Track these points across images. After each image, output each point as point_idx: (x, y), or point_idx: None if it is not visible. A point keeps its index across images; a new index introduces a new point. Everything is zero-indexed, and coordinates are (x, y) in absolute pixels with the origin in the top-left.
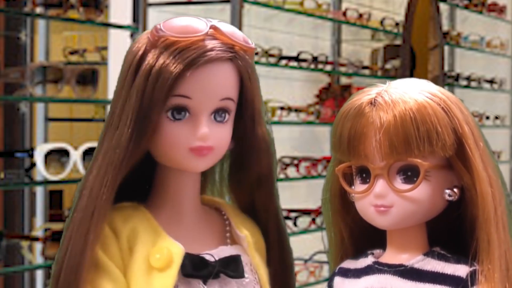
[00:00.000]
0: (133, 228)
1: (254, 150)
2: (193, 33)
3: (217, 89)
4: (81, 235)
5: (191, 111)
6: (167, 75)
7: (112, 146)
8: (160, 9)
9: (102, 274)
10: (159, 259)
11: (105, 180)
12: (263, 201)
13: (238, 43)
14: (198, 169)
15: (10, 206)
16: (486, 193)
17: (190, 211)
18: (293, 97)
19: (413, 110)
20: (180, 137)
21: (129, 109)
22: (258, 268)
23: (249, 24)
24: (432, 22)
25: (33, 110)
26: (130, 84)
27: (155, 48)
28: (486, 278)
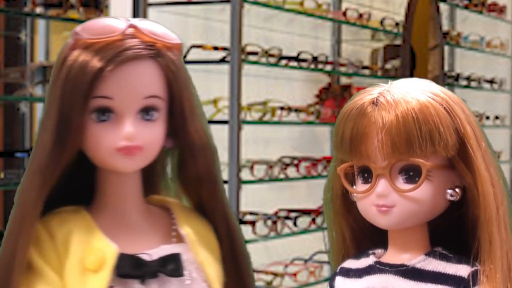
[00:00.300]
0: (68, 231)
1: (188, 148)
2: (110, 33)
3: (138, 88)
4: (11, 240)
5: (115, 112)
6: (84, 75)
7: (39, 149)
8: (160, 9)
9: (37, 277)
10: (92, 261)
11: (34, 183)
12: (208, 200)
13: (159, 40)
14: (127, 169)
15: (10, 206)
16: (488, 193)
17: (132, 211)
18: (293, 97)
19: (415, 110)
20: (104, 138)
21: (51, 112)
22: (204, 266)
23: (249, 24)
24: (432, 22)
25: (33, 110)
26: (53, 87)
27: (73, 52)
28: (488, 278)
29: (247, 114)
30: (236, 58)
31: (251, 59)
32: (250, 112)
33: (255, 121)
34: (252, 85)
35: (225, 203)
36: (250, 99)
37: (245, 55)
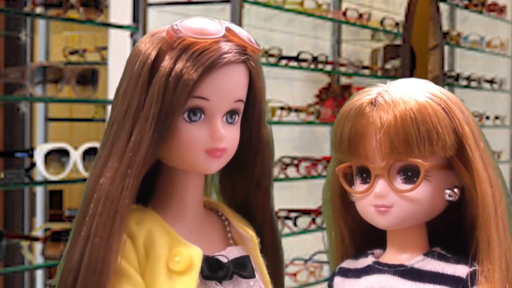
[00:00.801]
0: (148, 231)
1: (258, 151)
2: (211, 35)
3: (232, 91)
4: (102, 241)
5: (206, 113)
6: (188, 78)
7: (130, 148)
8: (160, 9)
9: (123, 279)
10: (179, 263)
11: (125, 183)
12: (260, 203)
13: (249, 45)
14: (212, 170)
15: (10, 206)
16: (486, 193)
17: (195, 213)
18: (293, 97)
19: (414, 110)
20: (197, 138)
21: (148, 111)
22: (262, 268)
23: (249, 24)
24: (432, 22)
25: (33, 110)
26: (146, 86)
27: (172, 50)
28: (486, 278)
29: None
30: None
31: None
32: None
33: None
34: None
35: (273, 207)
36: None
37: None
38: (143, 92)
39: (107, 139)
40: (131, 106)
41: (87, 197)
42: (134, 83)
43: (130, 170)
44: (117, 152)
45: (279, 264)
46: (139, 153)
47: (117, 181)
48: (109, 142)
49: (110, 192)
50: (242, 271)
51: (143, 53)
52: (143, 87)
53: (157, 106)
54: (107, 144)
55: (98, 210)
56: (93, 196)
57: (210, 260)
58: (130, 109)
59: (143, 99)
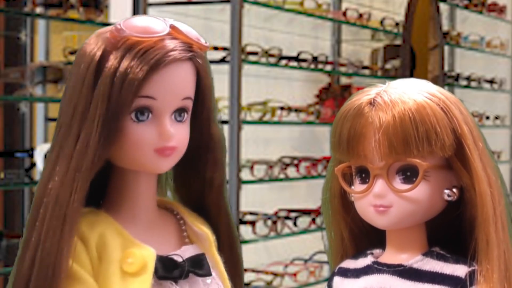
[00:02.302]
0: (100, 234)
1: (209, 149)
2: (155, 33)
3: (179, 89)
4: (53, 245)
5: (154, 112)
6: (134, 77)
7: (78, 151)
8: (160, 9)
9: (75, 283)
10: (132, 264)
11: (74, 186)
12: (214, 201)
13: (195, 41)
14: (162, 169)
15: (10, 206)
16: (485, 193)
17: (148, 213)
18: (293, 97)
19: (412, 110)
20: (145, 138)
21: (94, 113)
22: (218, 265)
23: (249, 24)
24: (432, 22)
25: (33, 110)
26: (91, 87)
27: (117, 49)
28: (485, 278)
29: (247, 114)
30: (236, 58)
31: (251, 59)
32: (250, 112)
33: (255, 121)
34: (252, 85)
35: (228, 203)
36: (250, 99)
37: (245, 55)
38: (89, 93)
39: (55, 143)
40: (77, 108)
41: (37, 201)
42: (80, 85)
43: (78, 173)
44: (65, 156)
45: (237, 261)
46: (87, 155)
47: (66, 184)
48: (57, 146)
49: (59, 196)
50: (198, 269)
51: (88, 54)
52: (89, 88)
53: (103, 107)
54: (55, 148)
55: (48, 214)
56: (42, 201)
57: (164, 260)
58: (76, 111)
59: (89, 101)
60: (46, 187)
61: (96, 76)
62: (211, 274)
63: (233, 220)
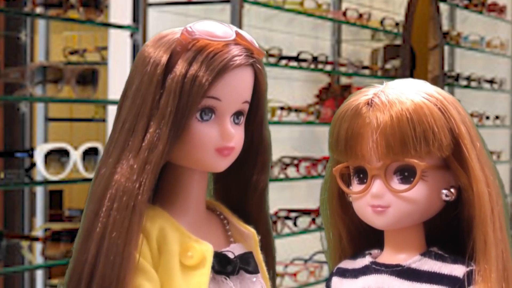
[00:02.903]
0: (161, 228)
1: (259, 152)
2: (223, 38)
3: (241, 92)
4: (121, 236)
5: (217, 113)
6: (203, 78)
7: (146, 146)
8: (160, 9)
9: (139, 274)
10: (191, 257)
11: (142, 179)
12: (256, 204)
13: (256, 48)
14: (220, 168)
15: (10, 206)
16: (483, 193)
17: (198, 211)
18: (293, 97)
19: (410, 110)
20: (208, 137)
21: (164, 110)
22: (262, 265)
23: (249, 24)
24: (432, 22)
25: (33, 110)
26: (160, 85)
27: (187, 51)
28: (483, 278)
29: None
30: None
31: None
32: None
33: None
34: None
35: (268, 211)
36: None
37: None
38: (157, 91)
39: (117, 137)
40: (145, 105)
41: (98, 193)
42: (148, 82)
43: (149, 165)
44: (132, 150)
45: (272, 265)
46: (156, 150)
47: (134, 177)
48: (121, 140)
49: (127, 188)
50: (247, 266)
51: (155, 54)
52: (157, 87)
53: (174, 104)
54: (118, 142)
55: (115, 205)
56: (106, 193)
57: (219, 255)
58: (144, 107)
59: (157, 98)
60: (110, 179)
61: (165, 75)
62: (259, 271)
63: (271, 224)
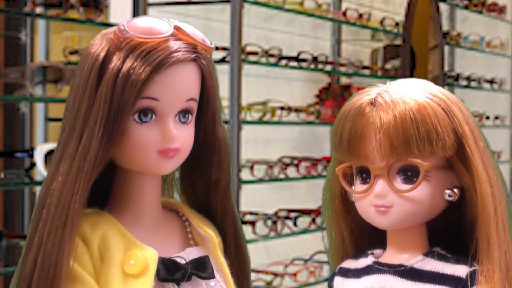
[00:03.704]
0: (102, 235)
1: (214, 151)
2: (158, 34)
3: (183, 90)
4: (54, 246)
5: (157, 113)
6: (136, 78)
7: (80, 152)
8: (160, 9)
9: (77, 284)
10: (133, 266)
11: (76, 187)
12: (220, 201)
13: (200, 43)
14: (165, 171)
15: (10, 206)
16: (486, 194)
17: (152, 215)
18: (293, 97)
19: (413, 110)
20: (148, 140)
21: (96, 114)
22: (223, 268)
23: (249, 24)
24: (432, 22)
25: (33, 110)
26: (94, 87)
27: (120, 50)
28: (486, 278)
29: (247, 114)
30: (236, 58)
31: (251, 59)
32: (250, 112)
33: (255, 121)
34: (252, 85)
35: (234, 205)
36: (250, 99)
37: (245, 55)
38: (92, 94)
39: (58, 144)
40: (81, 109)
41: (40, 202)
42: (84, 86)
43: (80, 174)
44: (68, 157)
45: (243, 263)
46: (89, 156)
47: (68, 185)
48: (61, 147)
49: (61, 197)
50: (201, 272)
51: (92, 54)
52: (92, 89)
53: (105, 108)
54: (58, 149)
55: (50, 215)
56: (45, 201)
57: (166, 262)
58: (79, 112)
59: (92, 102)
60: (50, 187)
61: (100, 77)
62: (215, 276)
63: (240, 221)
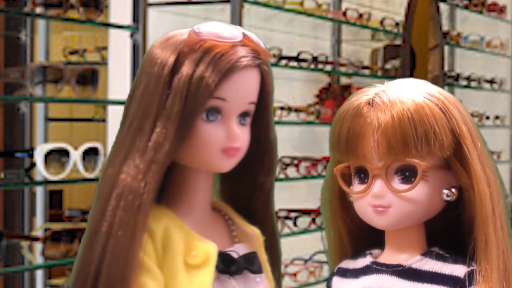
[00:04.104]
0: (165, 227)
1: (266, 153)
2: (230, 39)
3: (247, 93)
4: (126, 235)
5: (223, 113)
6: (210, 79)
7: (152, 146)
8: (160, 9)
9: (144, 272)
10: (196, 257)
11: (148, 178)
12: (263, 204)
13: (262, 50)
14: (226, 169)
15: (10, 206)
16: (484, 193)
17: (204, 211)
18: (293, 97)
19: (411, 110)
20: (214, 137)
21: (171, 110)
22: (266, 265)
23: (249, 24)
24: (432, 22)
25: (33, 110)
26: (167, 86)
27: (194, 52)
28: (484, 278)
29: None
30: None
31: None
32: None
33: None
34: None
35: (274, 211)
36: None
37: None
38: (164, 92)
39: (124, 137)
40: (152, 105)
41: (105, 193)
42: (155, 83)
43: (154, 165)
44: (138, 150)
45: (277, 265)
46: (162, 149)
47: (140, 176)
48: (128, 140)
49: (133, 187)
50: (251, 266)
51: (162, 55)
52: (164, 87)
53: (180, 105)
54: (124, 142)
55: (121, 204)
56: (112, 192)
57: (223, 255)
58: (151, 108)
59: (164, 98)
60: (117, 178)
61: (172, 75)
62: (263, 271)
63: (277, 225)
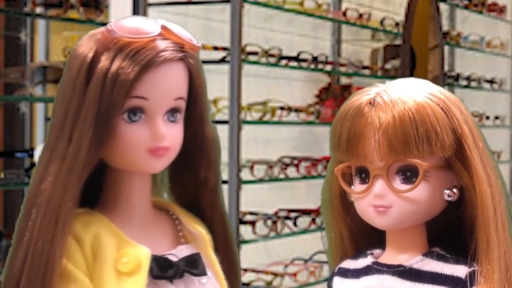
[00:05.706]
0: (94, 234)
1: (203, 150)
2: (146, 34)
3: (172, 89)
4: (45, 245)
5: (146, 112)
6: (125, 77)
7: (70, 152)
8: (160, 9)
9: (70, 283)
10: (126, 264)
11: (67, 187)
12: (209, 201)
13: (186, 42)
14: (155, 170)
15: (10, 206)
16: (485, 194)
17: (143, 214)
18: (293, 97)
19: (412, 110)
20: (138, 138)
21: (86, 114)
22: (214, 265)
23: (249, 24)
24: (432, 22)
25: (33, 110)
26: (83, 88)
27: (108, 50)
28: (485, 278)
29: (247, 114)
30: (236, 58)
31: (251, 59)
32: (250, 112)
33: (255, 121)
34: (252, 85)
35: (223, 203)
36: (250, 99)
37: (245, 55)
38: (81, 95)
39: (47, 144)
40: (70, 109)
41: (29, 202)
42: (72, 86)
43: (71, 174)
44: (58, 157)
45: (233, 260)
46: (79, 156)
47: (59, 185)
48: (49, 146)
49: (52, 196)
50: (193, 269)
51: (80, 55)
52: (81, 89)
53: (95, 108)
54: (47, 148)
55: (40, 214)
56: (35, 201)
57: (158, 259)
58: (69, 112)
59: (81, 102)
60: (39, 187)
61: (88, 77)
62: (206, 273)
63: (229, 219)
